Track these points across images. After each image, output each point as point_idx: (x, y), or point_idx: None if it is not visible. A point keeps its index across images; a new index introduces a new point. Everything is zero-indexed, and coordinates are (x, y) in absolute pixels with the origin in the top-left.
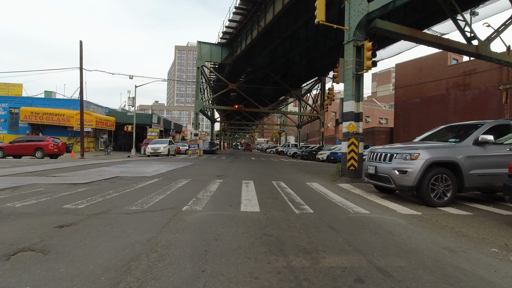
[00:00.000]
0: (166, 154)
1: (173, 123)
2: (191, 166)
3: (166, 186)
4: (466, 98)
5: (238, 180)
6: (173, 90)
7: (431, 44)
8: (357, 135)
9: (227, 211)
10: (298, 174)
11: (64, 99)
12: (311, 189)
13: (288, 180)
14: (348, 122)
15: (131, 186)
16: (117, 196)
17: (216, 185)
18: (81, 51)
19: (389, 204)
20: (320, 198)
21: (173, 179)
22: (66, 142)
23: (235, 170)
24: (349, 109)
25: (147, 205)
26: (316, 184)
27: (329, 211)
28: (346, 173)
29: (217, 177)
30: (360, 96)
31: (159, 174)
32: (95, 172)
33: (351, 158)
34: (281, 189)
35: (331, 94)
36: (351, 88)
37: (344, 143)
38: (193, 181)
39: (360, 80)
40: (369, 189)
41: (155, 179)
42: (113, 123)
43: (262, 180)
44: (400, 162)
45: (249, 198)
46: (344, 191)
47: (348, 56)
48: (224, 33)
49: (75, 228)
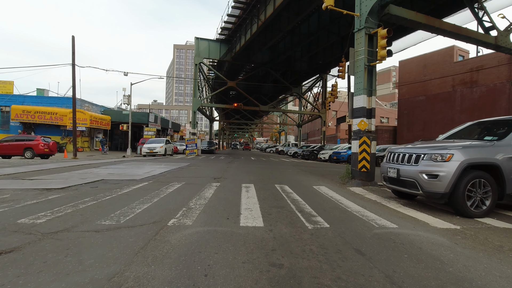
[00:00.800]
0: (162, 154)
1: (171, 122)
2: (187, 167)
3: (155, 191)
4: (473, 95)
5: (237, 184)
6: (172, 90)
7: (448, 34)
8: (369, 133)
9: (223, 226)
10: (302, 176)
11: (57, 97)
12: (320, 194)
13: (293, 183)
14: (359, 119)
15: (114, 191)
16: (93, 205)
17: (212, 190)
18: (73, 46)
19: (416, 214)
20: (333, 206)
21: (165, 183)
22: (59, 141)
23: (234, 171)
24: (360, 105)
25: (125, 218)
26: (325, 188)
27: (348, 224)
28: (357, 176)
29: (214, 180)
30: (372, 90)
31: (150, 176)
32: (79, 174)
33: (363, 159)
34: (286, 195)
35: (334, 91)
36: (362, 81)
37: (354, 142)
38: (186, 185)
39: (373, 72)
40: (385, 194)
41: (144, 182)
42: (109, 122)
43: (264, 183)
44: (429, 164)
45: (250, 207)
46: (358, 197)
47: (359, 45)
48: (223, 29)
49: (14, 257)
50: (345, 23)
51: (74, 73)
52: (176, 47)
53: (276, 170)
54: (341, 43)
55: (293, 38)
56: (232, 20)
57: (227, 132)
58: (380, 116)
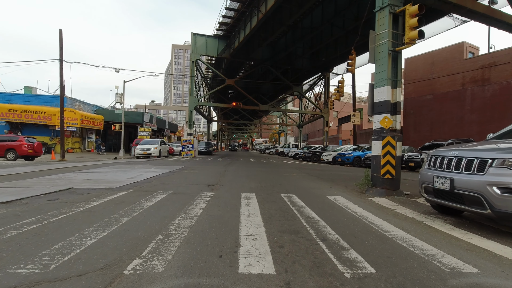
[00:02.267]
0: (157, 156)
1: (167, 122)
2: (179, 171)
3: (130, 206)
4: (485, 94)
5: (235, 193)
6: (170, 90)
7: (479, 17)
8: (394, 132)
9: (212, 276)
10: (310, 182)
11: (45, 95)
12: (339, 208)
13: (302, 192)
14: (381, 115)
15: (75, 207)
16: (29, 232)
17: (203, 203)
18: (61, 40)
19: (484, 243)
20: (364, 228)
21: (147, 192)
22: (48, 142)
23: (231, 176)
24: (383, 98)
25: (61, 260)
26: (342, 200)
27: (402, 267)
28: (378, 183)
29: (207, 187)
30: (398, 80)
31: (133, 183)
32: (48, 181)
33: (387, 163)
34: (297, 210)
35: (341, 87)
36: (385, 70)
37: (375, 143)
38: (173, 196)
39: (398, 59)
40: (420, 208)
41: (122, 192)
42: (101, 122)
43: (267, 192)
44: (503, 174)
45: (252, 233)
46: (389, 213)
47: (382, 27)
48: (221, 24)
49: None
50: (351, 16)
51: (62, 69)
52: (175, 47)
53: (279, 174)
54: (345, 38)
55: (295, 34)
56: (231, 14)
57: (226, 133)
58: None
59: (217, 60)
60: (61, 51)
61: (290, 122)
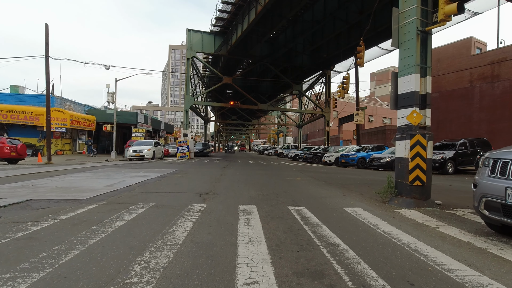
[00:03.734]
0: (151, 158)
1: (163, 123)
2: (170, 176)
3: (90, 228)
4: (494, 91)
5: (232, 205)
6: (168, 91)
7: None
8: (424, 130)
9: None
10: (318, 188)
11: (32, 94)
12: (366, 227)
13: (312, 202)
14: (408, 109)
15: (14, 230)
16: None
17: (190, 221)
18: (47, 36)
19: None
20: (413, 263)
21: (122, 206)
22: (35, 144)
23: (228, 181)
24: (410, 88)
25: None
26: (365, 213)
27: None
28: (405, 192)
29: (199, 197)
30: (428, 67)
31: (109, 192)
32: (7, 189)
33: (416, 167)
34: (312, 231)
35: (346, 83)
36: (414, 54)
37: (400, 142)
38: (153, 211)
39: (428, 41)
40: (469, 226)
41: (91, 205)
42: (93, 122)
43: (271, 202)
44: None
45: (255, 278)
46: (433, 234)
47: (408, 2)
48: (218, 19)
49: None
50: (355, 9)
51: (48, 65)
52: (172, 47)
53: (282, 178)
54: (348, 33)
55: (295, 29)
56: (228, 8)
57: (224, 134)
58: (382, 117)
59: (214, 58)
60: (47, 46)
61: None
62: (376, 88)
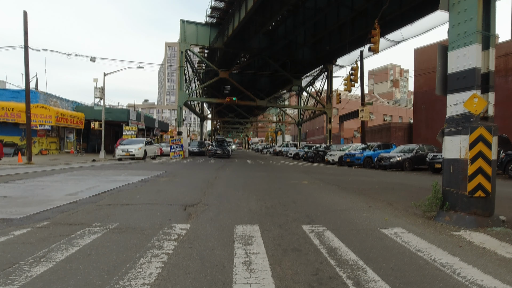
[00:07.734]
0: (142, 157)
1: (157, 121)
2: (155, 179)
3: None
4: (508, 85)
5: (226, 227)
6: (164, 89)
7: None
8: (486, 121)
9: None
10: (333, 196)
11: (14, 90)
12: (432, 268)
13: (333, 218)
14: (465, 93)
15: None
16: None
17: (157, 263)
18: (26, 24)
19: None
20: None
21: (67, 230)
22: (18, 143)
23: (223, 187)
24: (468, 64)
25: None
26: (415, 239)
27: None
28: (461, 205)
29: (183, 211)
30: (491, 35)
31: (64, 205)
32: None
33: (478, 172)
34: (355, 281)
35: (355, 75)
36: (473, 16)
37: (453, 138)
38: (106, 241)
39: (491, 1)
40: None
41: (21, 229)
42: (82, 120)
43: (279, 220)
44: None
45: None
46: None
47: None
48: (213, 9)
49: None
50: None
51: (27, 57)
52: (168, 44)
53: (286, 181)
54: (352, 24)
55: (296, 19)
56: None
57: (221, 132)
58: (383, 114)
59: (210, 52)
60: (26, 36)
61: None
62: (375, 85)
